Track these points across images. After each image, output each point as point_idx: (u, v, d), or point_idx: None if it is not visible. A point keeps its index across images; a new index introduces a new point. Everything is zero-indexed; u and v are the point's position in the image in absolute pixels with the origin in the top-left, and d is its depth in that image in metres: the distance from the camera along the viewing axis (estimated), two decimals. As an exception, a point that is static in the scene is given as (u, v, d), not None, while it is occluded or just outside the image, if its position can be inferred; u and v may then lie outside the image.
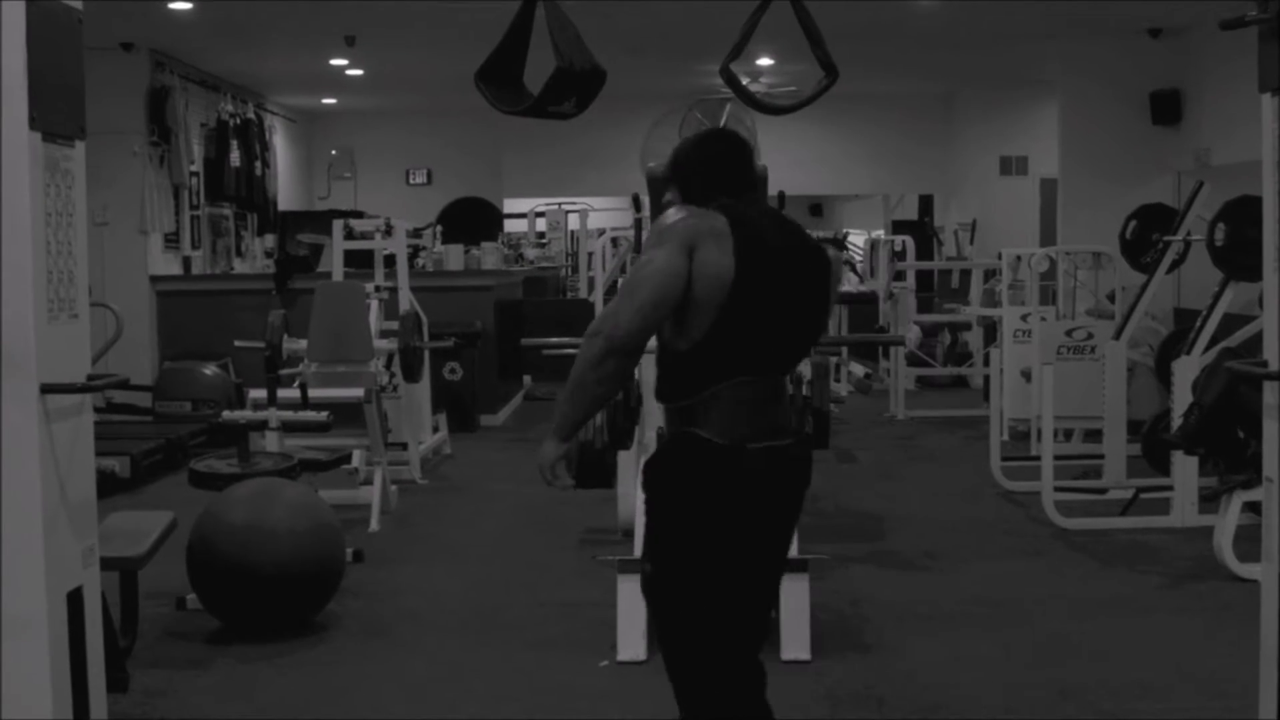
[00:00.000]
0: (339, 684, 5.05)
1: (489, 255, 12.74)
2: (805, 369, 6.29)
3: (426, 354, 9.34)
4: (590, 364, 3.17)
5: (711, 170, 3.39)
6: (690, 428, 3.23)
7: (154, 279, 11.89)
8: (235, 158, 13.32)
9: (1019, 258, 10.74)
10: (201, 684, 5.06)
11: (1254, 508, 6.23)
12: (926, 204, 18.87)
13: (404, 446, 8.91)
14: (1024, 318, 9.96)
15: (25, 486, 3.21)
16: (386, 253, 9.92)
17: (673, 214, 3.26)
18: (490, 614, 5.86)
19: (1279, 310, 3.23)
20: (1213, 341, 7.26)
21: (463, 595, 6.26)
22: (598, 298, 10.70)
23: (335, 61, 13.10)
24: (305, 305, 8.69)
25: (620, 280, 3.27)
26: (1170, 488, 7.36)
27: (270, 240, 14.13)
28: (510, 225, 17.96)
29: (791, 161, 15.26)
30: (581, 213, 16.79)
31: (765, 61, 13.16)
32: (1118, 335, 8.39)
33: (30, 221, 3.21)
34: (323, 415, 6.83)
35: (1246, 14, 3.17)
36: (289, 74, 14.12)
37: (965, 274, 14.62)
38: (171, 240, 12.34)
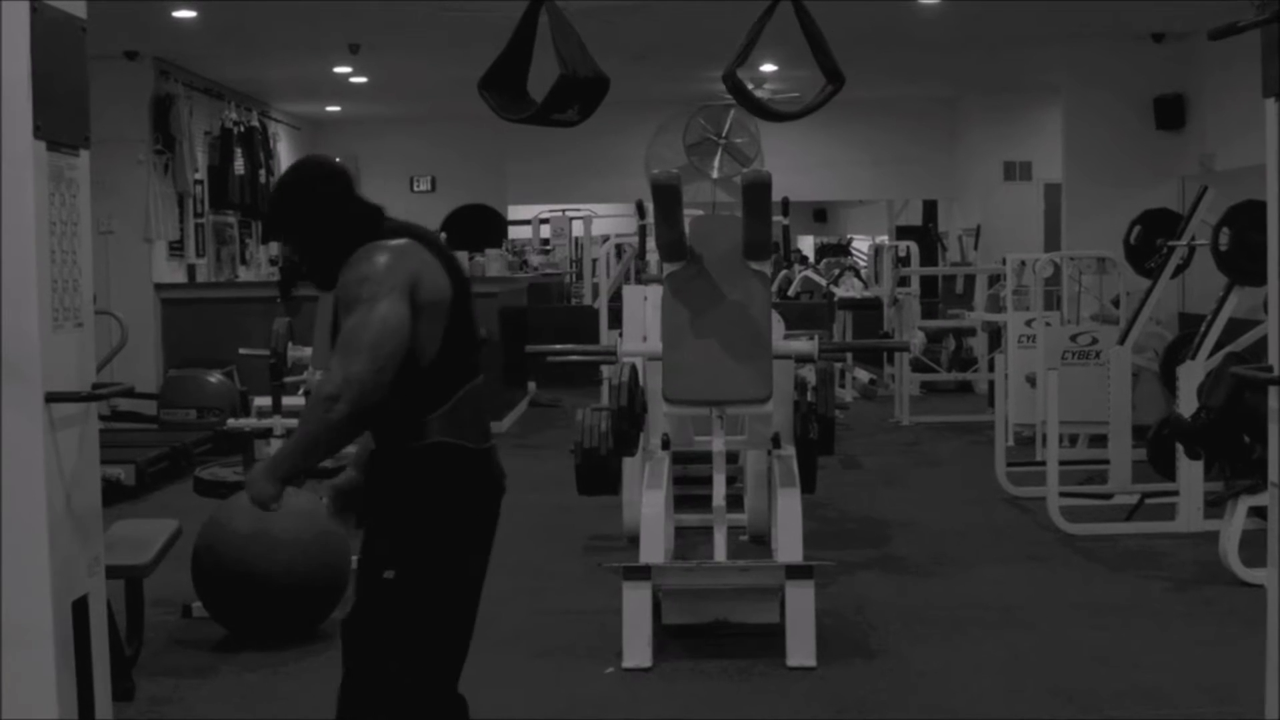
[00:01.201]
0: (344, 692, 5.04)
1: (493, 262, 12.76)
2: (810, 375, 6.30)
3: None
4: (331, 426, 3.12)
5: (352, 195, 3.29)
6: (442, 437, 3.22)
7: (158, 287, 11.91)
8: (239, 165, 13.34)
9: (1023, 263, 10.74)
10: (207, 692, 5.06)
11: (1260, 513, 6.22)
12: (931, 209, 18.88)
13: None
14: (1028, 323, 9.95)
15: (30, 495, 3.21)
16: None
17: (375, 255, 3.13)
18: (494, 622, 5.81)
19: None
20: (1218, 346, 7.24)
21: (468, 602, 6.24)
22: (603, 304, 10.69)
23: (339, 69, 13.12)
24: (310, 313, 8.68)
25: (354, 328, 3.13)
26: (1176, 493, 7.34)
27: (274, 248, 14.14)
28: (514, 232, 17.99)
29: (795, 167, 15.27)
30: (586, 219, 16.81)
31: (769, 68, 13.16)
32: (1122, 340, 8.38)
33: (35, 230, 3.21)
34: (327, 423, 6.82)
35: (1238, 21, 3.15)
36: (293, 81, 14.14)
37: (969, 279, 14.62)
38: (176, 248, 12.36)
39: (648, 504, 5.63)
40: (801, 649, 5.15)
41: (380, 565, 3.27)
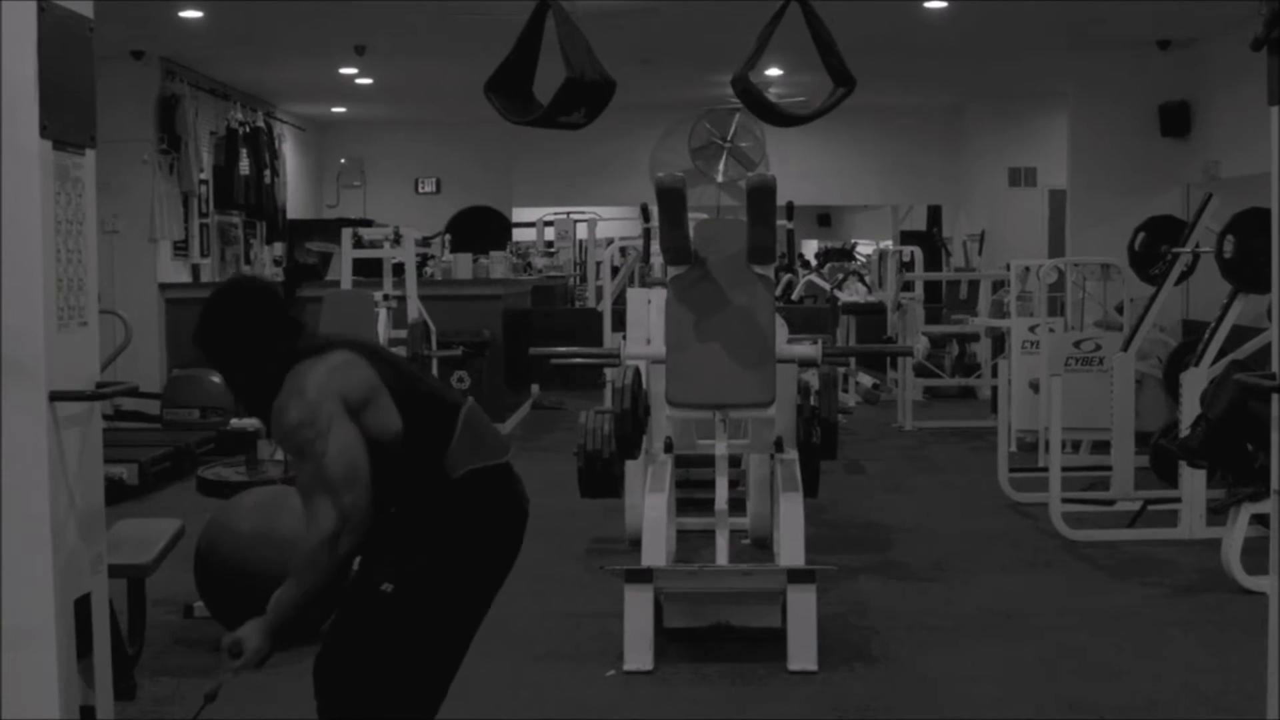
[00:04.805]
0: (345, 692, 5.03)
1: (497, 264, 12.76)
2: (813, 379, 6.30)
3: (434, 363, 9.35)
4: (335, 564, 3.25)
5: (277, 315, 3.38)
6: (472, 465, 3.31)
7: (163, 287, 11.93)
8: (244, 166, 13.36)
9: (1027, 269, 10.74)
10: (208, 692, 5.05)
11: (1262, 520, 6.22)
12: (935, 215, 18.89)
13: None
14: (1032, 329, 9.95)
15: (34, 493, 3.21)
16: (395, 261, 9.94)
17: (299, 395, 3.16)
18: (496, 624, 5.79)
19: (1287, 323, 3.22)
20: (1221, 353, 7.24)
21: (469, 604, 6.25)
22: (606, 307, 10.71)
23: (345, 70, 13.13)
24: (314, 314, 8.70)
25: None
26: (1178, 500, 7.35)
27: (279, 248, 14.17)
28: (519, 234, 18.00)
29: (801, 172, 15.29)
30: (590, 222, 16.81)
31: (774, 72, 13.17)
32: (1126, 347, 8.38)
33: (40, 229, 3.22)
34: (330, 423, 6.82)
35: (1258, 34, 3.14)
36: (299, 83, 14.15)
37: (973, 285, 14.61)
38: (181, 248, 12.37)
39: (650, 507, 5.64)
40: (803, 653, 5.16)
41: (379, 580, 3.28)
